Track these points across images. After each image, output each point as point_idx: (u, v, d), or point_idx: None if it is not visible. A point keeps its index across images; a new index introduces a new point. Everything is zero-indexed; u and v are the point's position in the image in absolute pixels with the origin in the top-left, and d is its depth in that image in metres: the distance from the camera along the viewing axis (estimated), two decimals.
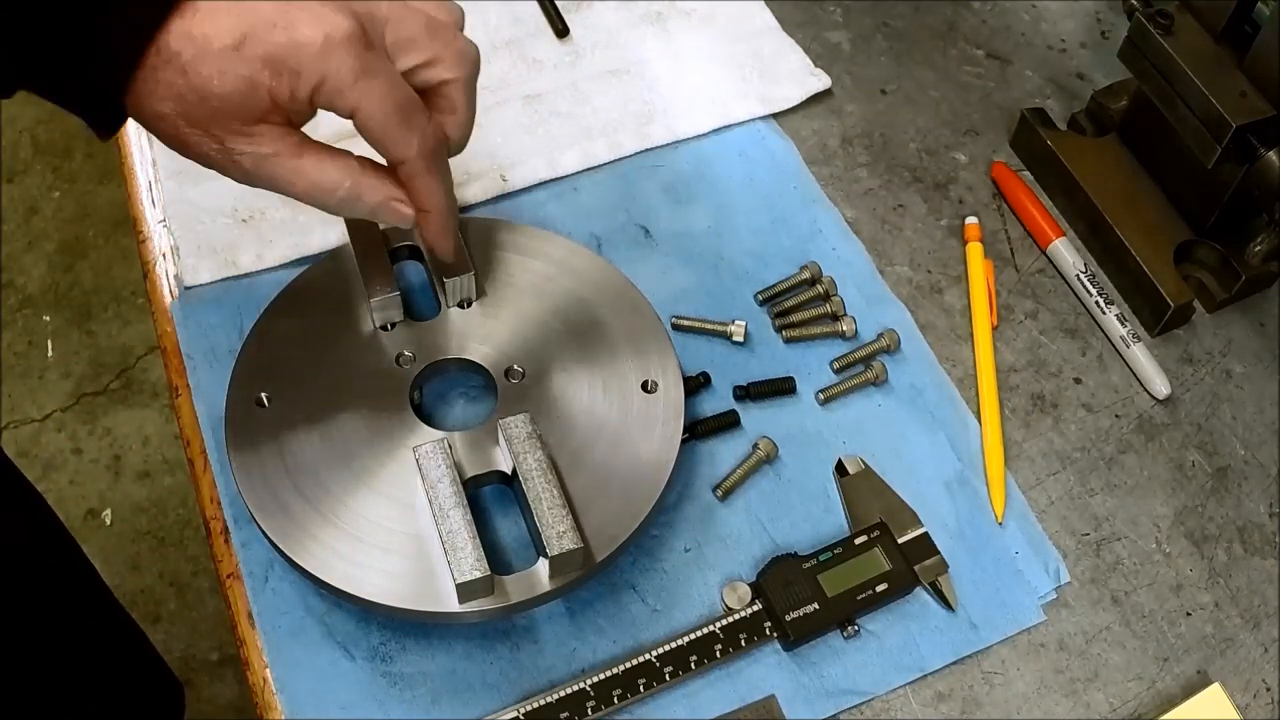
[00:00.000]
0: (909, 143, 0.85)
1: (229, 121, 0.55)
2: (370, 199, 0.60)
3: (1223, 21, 0.73)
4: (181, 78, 0.53)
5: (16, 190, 2.07)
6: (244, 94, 0.54)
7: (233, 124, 0.55)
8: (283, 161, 0.57)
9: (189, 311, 0.73)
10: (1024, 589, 0.66)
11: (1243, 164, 0.73)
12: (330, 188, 0.58)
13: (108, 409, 1.84)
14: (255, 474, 0.63)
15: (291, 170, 0.57)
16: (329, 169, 0.58)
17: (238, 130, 0.55)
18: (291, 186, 0.58)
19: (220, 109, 0.54)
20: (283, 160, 0.57)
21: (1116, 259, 0.79)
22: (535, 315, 0.70)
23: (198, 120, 0.55)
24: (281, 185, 0.58)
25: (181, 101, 0.54)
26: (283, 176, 0.58)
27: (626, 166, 0.81)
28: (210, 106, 0.54)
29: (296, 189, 0.58)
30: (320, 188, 0.58)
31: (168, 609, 1.66)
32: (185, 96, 0.54)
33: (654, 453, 0.65)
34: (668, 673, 0.61)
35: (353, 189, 0.59)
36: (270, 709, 0.61)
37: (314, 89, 0.55)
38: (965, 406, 0.73)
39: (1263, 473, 0.72)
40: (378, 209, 0.60)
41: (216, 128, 0.55)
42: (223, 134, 0.55)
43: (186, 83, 0.53)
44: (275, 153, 0.57)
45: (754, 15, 0.90)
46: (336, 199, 0.59)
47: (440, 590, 0.60)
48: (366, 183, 0.59)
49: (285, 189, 0.58)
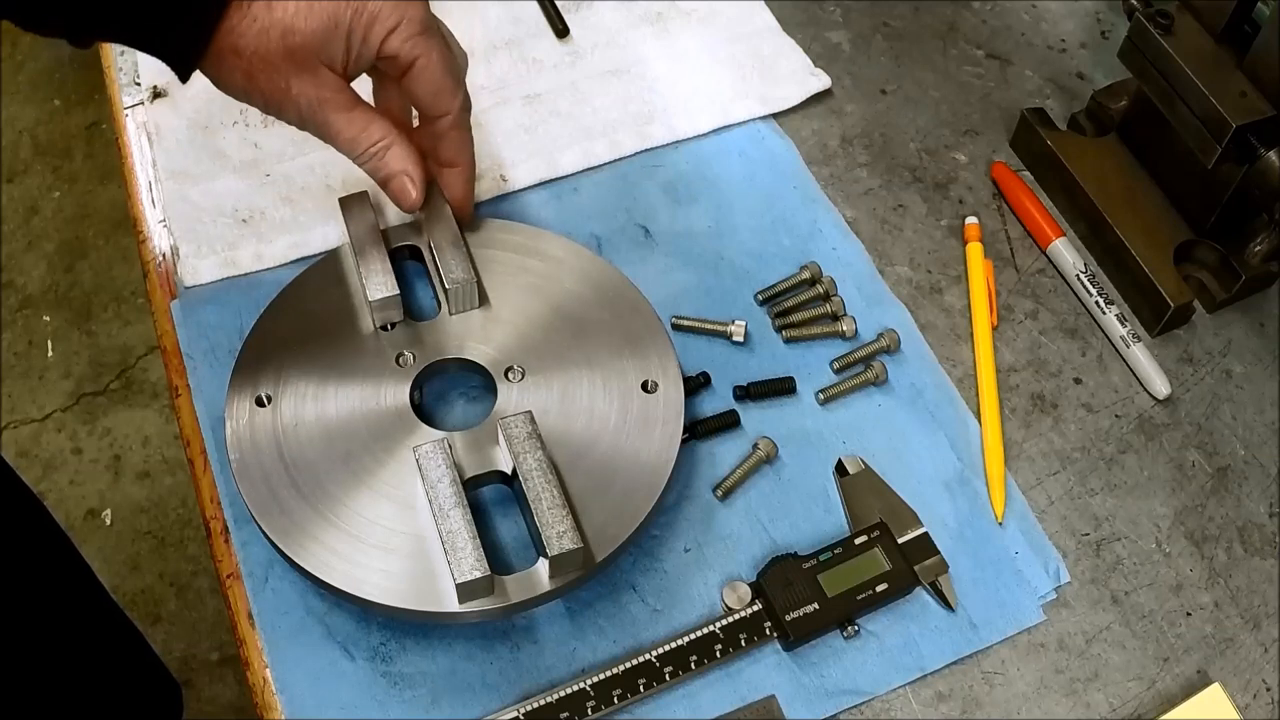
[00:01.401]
0: (909, 143, 0.85)
1: (300, 60, 0.61)
2: (395, 164, 0.66)
3: (1223, 21, 0.73)
4: (267, 13, 0.59)
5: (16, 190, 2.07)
6: (324, 32, 0.60)
7: (302, 63, 0.61)
8: (338, 109, 0.63)
9: (189, 311, 0.73)
10: (1024, 589, 0.66)
11: (1243, 164, 0.73)
12: (373, 140, 0.65)
13: (108, 409, 1.84)
14: (255, 474, 0.63)
15: (344, 119, 0.64)
16: (376, 124, 0.65)
17: (305, 70, 0.61)
18: (340, 134, 0.64)
19: (297, 46, 0.60)
20: (338, 107, 0.63)
21: (1116, 259, 0.79)
22: (535, 315, 0.70)
23: (271, 57, 0.60)
24: (331, 130, 0.64)
25: (263, 37, 0.59)
26: (335, 122, 0.63)
27: (626, 166, 0.81)
28: (288, 43, 0.60)
29: (343, 136, 0.64)
30: (364, 139, 0.65)
31: (168, 609, 1.66)
32: (268, 31, 0.59)
33: (654, 453, 0.65)
34: (668, 673, 0.61)
35: (387, 148, 0.65)
36: (270, 709, 0.61)
37: (388, 33, 0.62)
38: (965, 406, 0.73)
39: (1263, 473, 0.72)
40: (393, 176, 0.66)
41: (287, 67, 0.61)
42: (290, 73, 0.61)
43: (271, 18, 0.59)
44: (332, 99, 0.63)
45: (754, 15, 0.90)
46: (372, 153, 0.65)
47: (440, 590, 0.60)
48: (399, 149, 0.66)
49: (333, 135, 0.64)
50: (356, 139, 0.64)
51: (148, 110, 0.81)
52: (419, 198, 0.67)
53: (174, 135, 0.80)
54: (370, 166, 0.66)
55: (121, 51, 0.84)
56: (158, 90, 0.82)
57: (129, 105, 0.82)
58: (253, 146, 0.80)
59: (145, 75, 0.83)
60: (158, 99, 0.82)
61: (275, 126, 0.80)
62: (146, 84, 0.82)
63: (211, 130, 0.80)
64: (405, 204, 0.68)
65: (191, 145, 0.80)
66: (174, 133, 0.80)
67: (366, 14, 0.61)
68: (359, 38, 0.62)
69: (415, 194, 0.67)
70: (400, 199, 0.68)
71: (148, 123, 0.81)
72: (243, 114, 0.81)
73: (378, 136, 0.65)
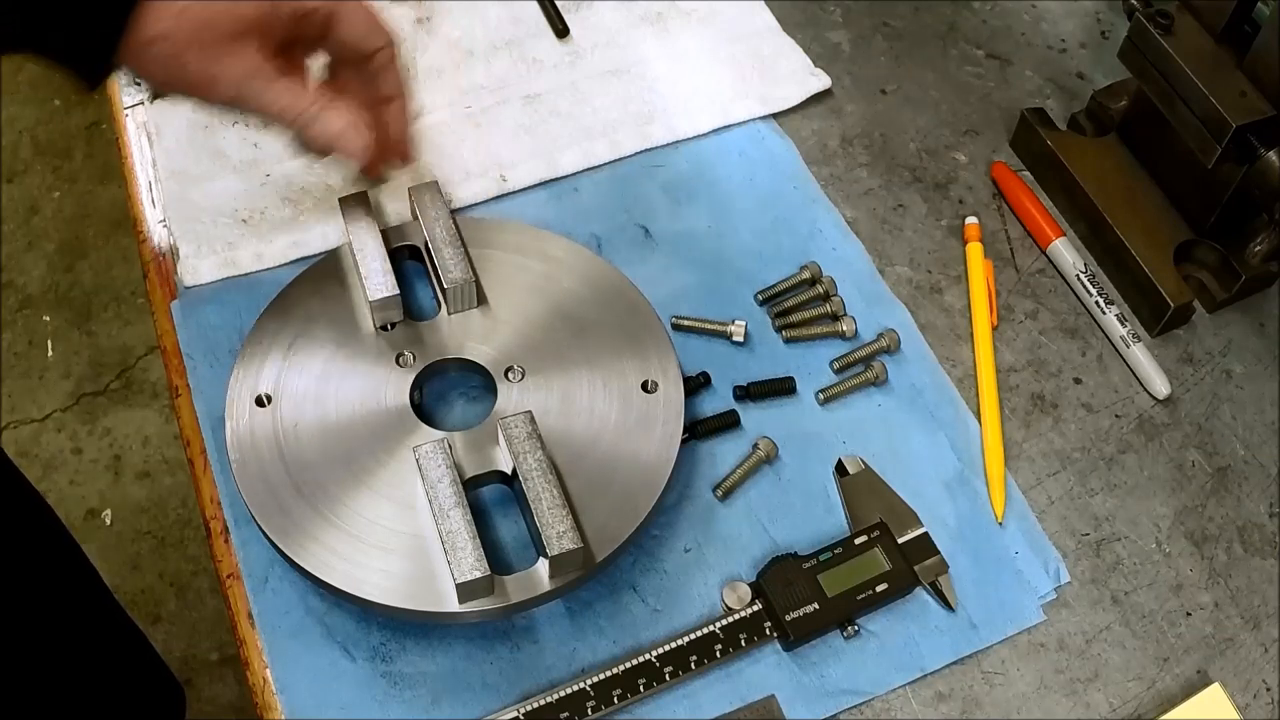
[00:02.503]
0: (909, 143, 0.85)
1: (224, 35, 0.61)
2: (337, 121, 0.66)
3: (1223, 21, 0.73)
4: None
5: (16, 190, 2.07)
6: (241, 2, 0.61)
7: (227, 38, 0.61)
8: (264, 82, 0.64)
9: (189, 311, 0.73)
10: (1024, 589, 0.66)
11: (1243, 164, 0.73)
12: (303, 107, 0.65)
13: (108, 409, 1.84)
14: (255, 474, 0.63)
15: (272, 90, 0.64)
16: (303, 92, 0.65)
17: (230, 44, 0.62)
18: (273, 103, 0.64)
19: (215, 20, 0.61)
20: (264, 81, 0.64)
21: (1116, 259, 0.79)
22: (535, 315, 0.70)
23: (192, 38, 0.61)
24: (264, 100, 0.64)
25: (183, 17, 0.60)
26: (264, 95, 0.64)
27: (626, 166, 0.81)
28: (207, 17, 0.60)
29: (277, 105, 0.64)
30: (294, 108, 0.65)
31: (168, 609, 1.66)
32: (187, 10, 0.60)
33: (654, 453, 0.65)
34: (668, 673, 0.61)
35: (321, 111, 0.65)
36: (270, 709, 0.61)
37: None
38: (965, 406, 0.73)
39: (1263, 473, 0.72)
40: (340, 133, 0.66)
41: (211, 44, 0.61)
42: (216, 49, 0.62)
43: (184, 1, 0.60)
44: (258, 72, 0.63)
45: (754, 15, 0.90)
46: (309, 117, 0.65)
47: (440, 590, 0.60)
48: (333, 110, 0.66)
49: (266, 105, 0.64)
50: (291, 106, 0.65)
51: (148, 110, 0.81)
52: (370, 144, 0.67)
53: (174, 135, 0.80)
54: (314, 131, 0.66)
55: None
56: (158, 90, 0.82)
57: (129, 105, 0.82)
58: (253, 146, 0.80)
59: None
60: (158, 99, 0.82)
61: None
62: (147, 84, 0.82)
63: (211, 130, 0.80)
64: (356, 152, 0.67)
65: (191, 145, 0.80)
66: (174, 133, 0.80)
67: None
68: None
69: (365, 140, 0.66)
70: (353, 151, 0.66)
71: (148, 122, 0.81)
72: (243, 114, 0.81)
73: (306, 102, 0.65)
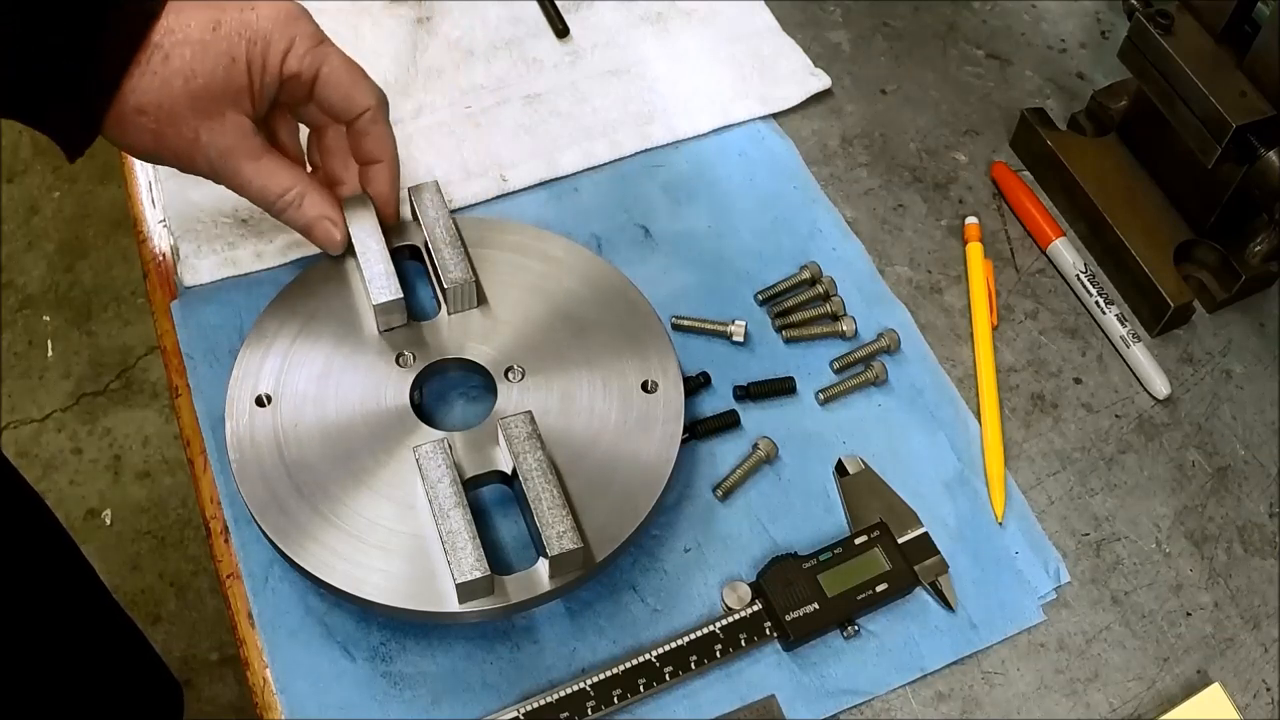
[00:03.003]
0: (909, 143, 0.85)
1: (206, 106, 0.62)
2: (311, 211, 0.67)
3: (1223, 21, 0.73)
4: (165, 66, 0.60)
5: (16, 190, 2.07)
6: (223, 70, 0.61)
7: (208, 109, 0.62)
8: (246, 158, 0.64)
9: (189, 311, 0.73)
10: (1024, 589, 0.66)
11: (1243, 164, 0.73)
12: (282, 190, 0.66)
13: (108, 409, 1.84)
14: (255, 474, 0.63)
15: (253, 167, 0.65)
16: (284, 173, 0.66)
17: (211, 117, 0.62)
18: (249, 183, 0.65)
19: (200, 90, 0.61)
20: (246, 156, 0.64)
21: (1116, 259, 0.79)
22: (535, 315, 0.70)
23: (176, 108, 0.61)
24: (241, 180, 0.65)
25: (165, 89, 0.60)
26: (243, 172, 0.65)
27: (626, 166, 0.81)
28: (191, 88, 0.61)
29: (253, 186, 0.65)
30: (273, 189, 0.66)
31: (168, 609, 1.66)
32: (170, 82, 0.60)
33: (654, 453, 0.65)
34: (668, 673, 0.61)
35: (300, 195, 0.66)
36: (270, 709, 0.61)
37: (284, 53, 0.63)
38: (965, 406, 0.73)
39: (1263, 473, 0.72)
40: (314, 222, 0.68)
41: (193, 116, 0.61)
42: (198, 122, 0.61)
43: (170, 68, 0.60)
44: (240, 146, 0.64)
45: (754, 15, 0.90)
46: (284, 202, 0.66)
47: (440, 590, 0.60)
48: (312, 196, 0.67)
49: (243, 185, 0.65)
50: (268, 188, 0.65)
51: None
52: (343, 239, 0.69)
53: None
54: (288, 216, 0.67)
55: None
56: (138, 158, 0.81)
57: None
58: None
59: None
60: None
61: None
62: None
63: None
64: (331, 248, 0.69)
65: None
66: None
67: (260, 41, 0.62)
68: (258, 66, 0.63)
69: (339, 236, 0.68)
70: (326, 244, 0.69)
71: None
72: None
73: (289, 184, 0.66)
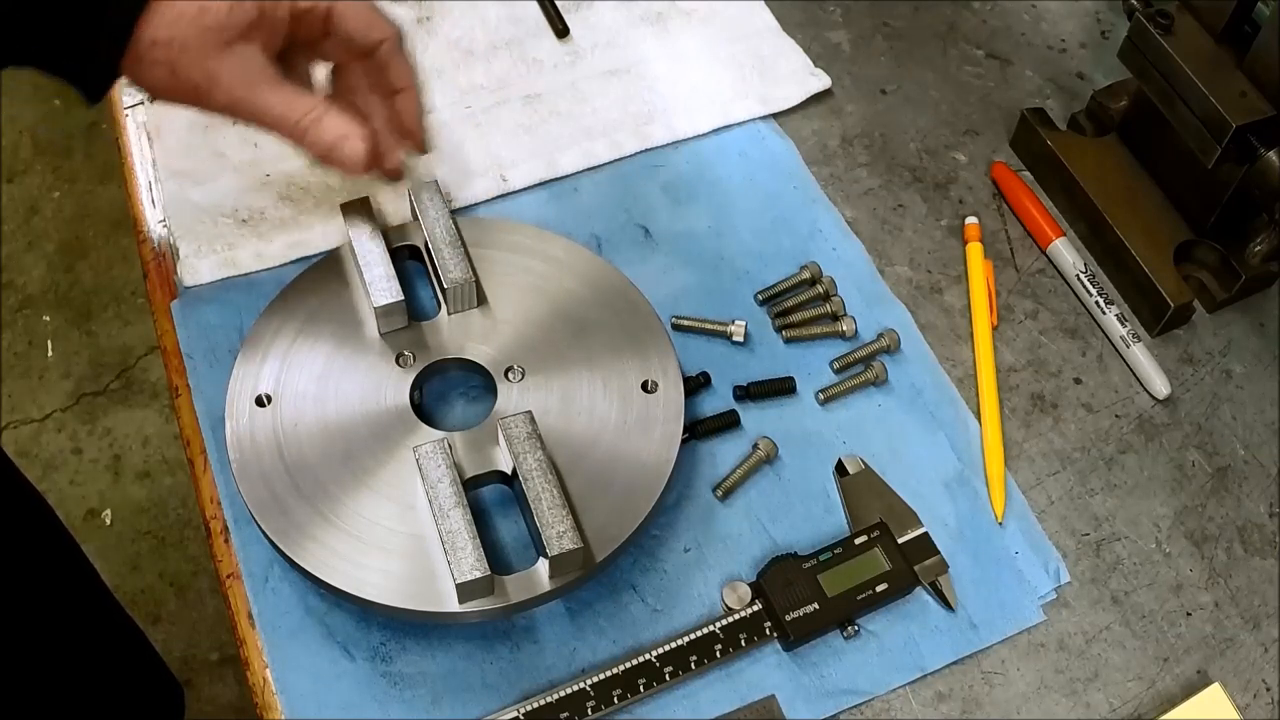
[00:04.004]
0: (909, 143, 0.85)
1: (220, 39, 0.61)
2: (334, 129, 0.65)
3: (1223, 21, 0.73)
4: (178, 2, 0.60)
5: (16, 190, 2.06)
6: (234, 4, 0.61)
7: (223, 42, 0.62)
8: (264, 86, 0.64)
9: (189, 311, 0.73)
10: (1024, 589, 0.66)
11: (1243, 164, 0.73)
12: (303, 112, 0.64)
13: (108, 409, 1.84)
14: (255, 474, 0.63)
15: (270, 93, 0.64)
16: (304, 97, 0.65)
17: (226, 49, 0.62)
18: (270, 109, 0.64)
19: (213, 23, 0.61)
20: (265, 82, 0.64)
21: (1116, 259, 0.79)
22: (535, 315, 0.70)
23: (191, 42, 0.61)
24: (260, 106, 0.64)
25: (179, 23, 0.60)
26: (262, 100, 0.64)
27: (626, 166, 0.81)
28: (205, 22, 0.61)
29: (273, 112, 0.64)
30: (296, 111, 0.64)
31: (168, 609, 1.66)
32: (183, 16, 0.60)
33: (654, 453, 0.65)
34: (668, 673, 0.61)
35: (319, 116, 0.65)
36: (270, 709, 0.61)
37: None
38: (965, 406, 0.73)
39: (1263, 473, 0.72)
40: (336, 142, 0.65)
41: (208, 49, 0.61)
42: (212, 55, 0.62)
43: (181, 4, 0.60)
44: (256, 76, 0.63)
45: (754, 15, 0.90)
46: (306, 123, 0.65)
47: (440, 590, 0.60)
48: (332, 117, 0.65)
49: (263, 111, 0.64)
50: (287, 113, 0.64)
51: (148, 110, 0.81)
52: (367, 154, 0.65)
53: (174, 135, 0.80)
54: (310, 138, 0.65)
55: None
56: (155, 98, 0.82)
57: (129, 105, 0.82)
58: (253, 146, 0.80)
59: None
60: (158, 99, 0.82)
61: None
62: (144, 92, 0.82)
63: (211, 130, 0.80)
64: (356, 163, 0.66)
65: (191, 145, 0.80)
66: (174, 133, 0.80)
67: None
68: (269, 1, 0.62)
69: (363, 149, 0.65)
70: (350, 161, 0.65)
71: (148, 122, 0.81)
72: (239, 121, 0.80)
73: (309, 106, 0.64)
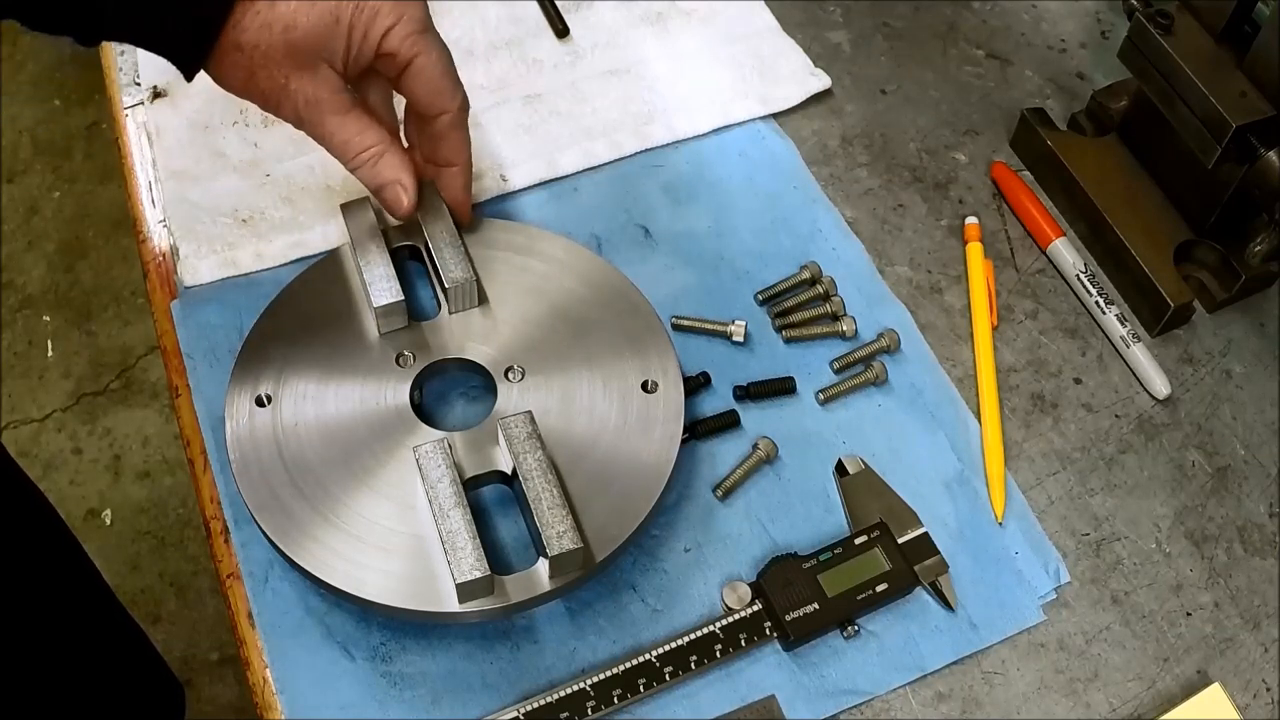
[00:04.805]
0: (909, 143, 0.85)
1: (300, 57, 0.61)
2: (387, 173, 0.66)
3: (1223, 21, 0.73)
4: (270, 9, 0.60)
5: (16, 190, 2.07)
6: (324, 28, 0.61)
7: (302, 60, 0.62)
8: (334, 110, 0.64)
9: (189, 311, 0.73)
10: (1024, 589, 0.66)
11: (1243, 164, 0.73)
12: (365, 146, 0.65)
13: (108, 409, 1.84)
14: (255, 474, 0.63)
15: (339, 121, 0.64)
16: (370, 131, 0.65)
17: (304, 67, 0.62)
18: (333, 135, 0.65)
19: (298, 41, 0.61)
20: (334, 109, 0.64)
21: (1116, 259, 0.79)
22: (535, 315, 0.70)
23: (272, 53, 0.61)
24: (325, 131, 0.65)
25: (265, 32, 0.60)
26: (329, 123, 0.64)
27: (626, 166, 0.81)
28: (289, 38, 0.60)
29: (336, 138, 0.65)
30: (356, 144, 0.65)
31: (168, 609, 1.66)
32: (270, 26, 0.60)
33: (654, 453, 0.65)
34: (668, 673, 0.61)
35: (378, 155, 0.66)
36: (270, 709, 0.61)
37: (388, 29, 0.63)
38: (965, 406, 0.73)
39: (1263, 473, 0.72)
40: (387, 185, 0.67)
41: (287, 63, 0.62)
42: (290, 69, 0.62)
43: (274, 13, 0.60)
44: (328, 99, 0.63)
45: (754, 15, 0.90)
46: (365, 159, 0.66)
47: (440, 590, 0.60)
48: (391, 157, 0.66)
49: (326, 136, 0.65)
50: (349, 143, 0.65)
51: (148, 110, 0.81)
52: (410, 207, 0.68)
53: (174, 135, 0.80)
54: (363, 173, 0.67)
55: (122, 51, 0.84)
56: (158, 90, 0.82)
57: (129, 105, 0.82)
58: (253, 146, 0.80)
59: (145, 75, 0.83)
60: (158, 99, 0.82)
61: (275, 126, 0.80)
62: (146, 84, 0.82)
63: (211, 130, 0.80)
64: (398, 213, 0.69)
65: (191, 145, 0.80)
66: (174, 133, 0.80)
67: (367, 10, 0.62)
68: (359, 34, 0.62)
69: (407, 203, 0.68)
70: (393, 208, 0.68)
71: (148, 123, 0.81)
72: (242, 114, 0.81)
73: (371, 142, 0.65)
